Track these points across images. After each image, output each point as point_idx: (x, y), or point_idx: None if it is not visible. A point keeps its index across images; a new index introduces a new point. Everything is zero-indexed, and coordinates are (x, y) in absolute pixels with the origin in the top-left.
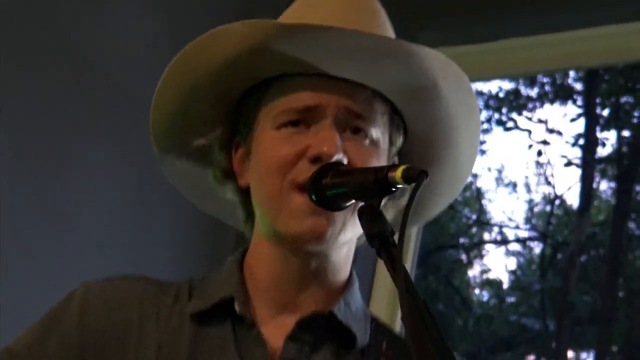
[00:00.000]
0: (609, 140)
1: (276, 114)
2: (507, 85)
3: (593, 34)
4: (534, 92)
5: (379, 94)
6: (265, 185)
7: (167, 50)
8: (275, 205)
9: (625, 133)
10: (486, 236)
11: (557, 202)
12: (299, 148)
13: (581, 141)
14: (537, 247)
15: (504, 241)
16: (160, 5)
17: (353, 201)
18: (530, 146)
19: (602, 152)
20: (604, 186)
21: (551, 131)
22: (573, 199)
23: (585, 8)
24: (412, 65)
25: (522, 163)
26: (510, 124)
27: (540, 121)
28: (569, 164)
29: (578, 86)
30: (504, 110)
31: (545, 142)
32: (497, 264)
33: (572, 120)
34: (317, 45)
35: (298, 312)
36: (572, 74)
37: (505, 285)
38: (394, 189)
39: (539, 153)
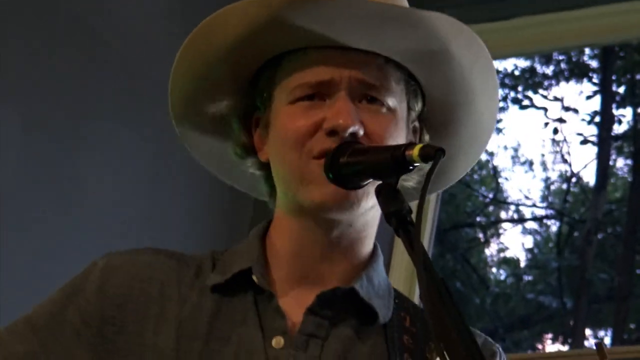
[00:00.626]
0: (625, 118)
1: (291, 90)
2: (523, 63)
3: (608, 10)
4: (549, 70)
5: (393, 61)
6: (284, 158)
7: (179, 27)
8: (296, 176)
9: None
10: (503, 215)
11: (573, 179)
12: (315, 120)
13: (597, 119)
14: (553, 225)
15: (521, 219)
16: None
17: (370, 180)
18: (546, 124)
19: (618, 129)
20: (620, 163)
21: (567, 109)
22: (589, 177)
23: None
24: (421, 30)
25: (538, 141)
26: (526, 102)
27: (556, 99)
28: (585, 141)
29: (594, 63)
30: (520, 88)
31: (561, 120)
32: (514, 242)
33: (588, 97)
34: (326, 15)
35: (319, 285)
36: (587, 51)
37: (522, 264)
38: (411, 168)
39: (555, 131)
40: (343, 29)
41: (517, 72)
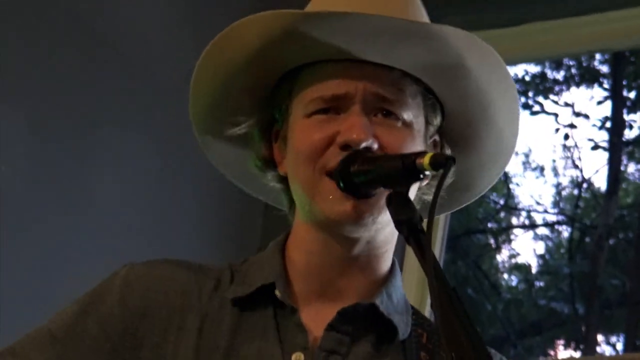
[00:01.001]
0: (635, 123)
1: (306, 103)
2: (533, 68)
3: (618, 16)
4: (560, 76)
5: (409, 75)
6: (298, 172)
7: (185, 32)
8: (309, 191)
9: None
10: (514, 220)
11: (584, 185)
12: (329, 134)
13: (608, 124)
14: (565, 231)
15: (532, 225)
16: None
17: (381, 188)
18: (557, 130)
19: (629, 134)
20: (632, 169)
21: (578, 114)
22: (601, 182)
23: None
24: (437, 44)
25: (549, 147)
26: (536, 108)
27: (566, 104)
28: (596, 147)
29: (604, 69)
30: (531, 94)
31: (572, 126)
32: (526, 248)
33: (599, 103)
34: (341, 29)
35: (339, 300)
36: (598, 56)
37: (534, 270)
38: (422, 176)
39: (566, 136)
40: (358, 42)
41: (527, 78)
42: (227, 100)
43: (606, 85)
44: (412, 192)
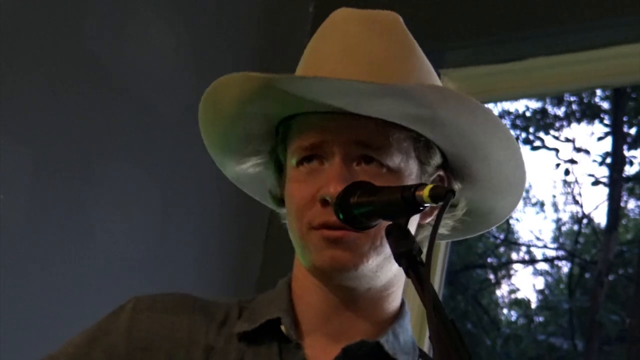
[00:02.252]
0: (636, 159)
1: (292, 152)
2: (534, 104)
3: (620, 52)
4: (561, 111)
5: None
6: (291, 222)
7: (190, 69)
8: (299, 242)
9: None
10: (514, 256)
11: (584, 221)
12: (312, 191)
13: (608, 160)
14: (565, 267)
15: (532, 260)
16: (184, 25)
17: (380, 220)
18: (558, 165)
19: (629, 170)
20: (632, 205)
21: (578, 150)
22: (601, 218)
23: (611, 27)
24: (405, 100)
25: (550, 182)
26: (537, 143)
27: (567, 140)
28: (596, 182)
29: (605, 105)
30: (531, 129)
31: (572, 161)
32: (525, 283)
33: (600, 139)
34: (312, 89)
35: (345, 338)
36: (599, 92)
37: (534, 305)
38: (421, 208)
39: (567, 172)
40: (331, 99)
41: (528, 113)
42: (238, 142)
43: (607, 121)
44: (412, 224)
